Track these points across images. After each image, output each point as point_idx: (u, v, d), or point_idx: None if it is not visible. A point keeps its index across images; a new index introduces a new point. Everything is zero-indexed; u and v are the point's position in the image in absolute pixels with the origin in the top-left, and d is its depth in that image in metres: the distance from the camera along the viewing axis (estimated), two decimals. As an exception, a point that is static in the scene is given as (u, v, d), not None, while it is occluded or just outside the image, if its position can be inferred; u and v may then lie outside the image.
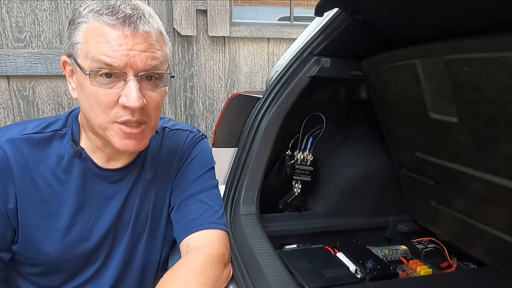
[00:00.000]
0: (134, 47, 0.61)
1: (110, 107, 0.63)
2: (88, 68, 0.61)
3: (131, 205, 0.77)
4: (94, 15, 0.61)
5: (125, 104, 0.62)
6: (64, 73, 0.68)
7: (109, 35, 0.60)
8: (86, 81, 0.62)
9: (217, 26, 1.86)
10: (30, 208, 0.68)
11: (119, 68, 0.60)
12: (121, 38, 0.60)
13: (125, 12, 0.60)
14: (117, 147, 0.66)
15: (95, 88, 0.61)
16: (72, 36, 0.63)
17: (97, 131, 0.67)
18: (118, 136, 0.65)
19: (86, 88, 0.62)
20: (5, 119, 1.70)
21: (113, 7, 0.61)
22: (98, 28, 0.60)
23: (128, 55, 0.60)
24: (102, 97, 0.62)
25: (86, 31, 0.61)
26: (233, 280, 0.75)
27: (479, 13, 0.63)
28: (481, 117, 0.68)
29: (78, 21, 0.62)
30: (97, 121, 0.64)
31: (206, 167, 0.84)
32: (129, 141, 0.66)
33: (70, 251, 0.72)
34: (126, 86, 0.62)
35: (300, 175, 1.10)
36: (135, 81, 0.61)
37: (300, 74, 1.01)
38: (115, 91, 0.62)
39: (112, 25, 0.60)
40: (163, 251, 0.84)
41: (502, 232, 0.81)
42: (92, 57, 0.60)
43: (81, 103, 0.66)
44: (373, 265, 0.92)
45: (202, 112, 2.01)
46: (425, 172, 0.97)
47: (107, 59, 0.59)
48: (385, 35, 0.91)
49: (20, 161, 0.67)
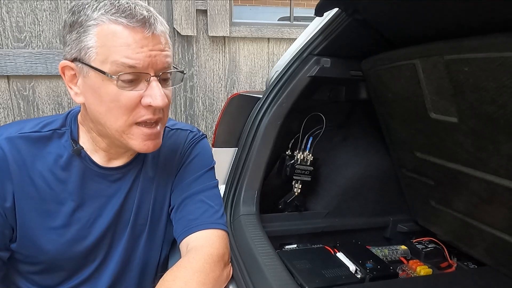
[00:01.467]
0: (155, 48, 0.62)
1: (132, 109, 0.63)
2: (110, 71, 0.60)
3: (131, 204, 0.77)
4: (110, 17, 0.60)
5: (151, 104, 0.63)
6: (63, 78, 0.66)
7: (130, 37, 0.60)
8: (104, 85, 0.61)
9: (217, 26, 1.86)
10: (28, 207, 0.68)
11: (142, 69, 0.61)
12: (143, 40, 0.61)
13: (143, 14, 0.61)
14: (138, 149, 0.67)
15: (117, 91, 0.61)
16: (81, 40, 0.61)
17: (111, 135, 0.67)
18: (138, 138, 0.66)
19: (103, 92, 0.62)
20: (5, 119, 1.70)
21: (129, 9, 0.60)
22: (117, 31, 0.60)
23: (150, 56, 0.61)
24: (124, 99, 0.62)
25: (101, 34, 0.60)
26: (233, 280, 0.75)
27: (479, 13, 0.63)
28: (481, 117, 0.68)
29: (89, 24, 0.60)
30: (116, 125, 0.64)
31: (206, 167, 0.84)
32: (149, 142, 0.67)
33: (69, 249, 0.72)
34: (149, 87, 0.63)
35: (300, 175, 1.10)
36: (157, 81, 0.63)
37: (300, 74, 1.01)
38: (137, 93, 0.63)
39: (132, 28, 0.60)
40: (163, 250, 0.84)
41: (502, 232, 0.81)
42: (114, 60, 0.60)
43: (92, 107, 0.65)
44: (373, 265, 0.92)
45: (202, 112, 2.01)
46: (425, 172, 0.97)
47: (130, 62, 0.60)
48: (385, 35, 0.91)
49: (18, 159, 0.67)
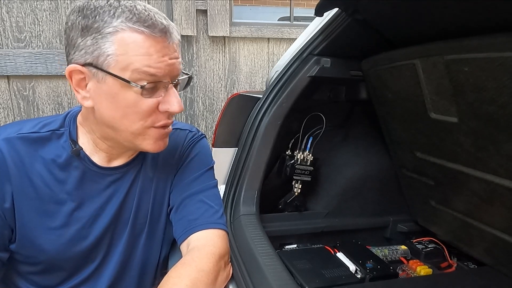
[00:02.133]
0: (173, 56, 0.64)
1: (150, 114, 0.65)
2: (130, 79, 0.61)
3: (130, 204, 0.77)
4: (132, 26, 0.60)
5: (169, 110, 0.66)
6: (70, 82, 0.65)
7: (152, 47, 0.61)
8: (122, 91, 0.62)
9: (217, 26, 1.86)
10: (27, 207, 0.68)
11: (163, 77, 0.63)
12: (164, 50, 0.62)
13: (163, 24, 0.62)
14: (150, 149, 0.69)
15: (136, 97, 0.63)
16: (99, 46, 0.60)
17: (123, 137, 0.68)
18: (153, 139, 0.68)
19: (121, 98, 0.63)
20: (5, 119, 1.70)
21: (150, 18, 0.61)
22: (139, 40, 0.60)
23: (169, 65, 0.63)
24: (144, 106, 0.64)
25: (123, 42, 0.60)
26: (233, 280, 0.75)
27: (479, 13, 0.63)
28: (481, 117, 0.68)
29: (108, 30, 0.59)
30: (132, 128, 0.66)
31: (205, 166, 0.84)
32: (161, 141, 0.70)
33: (69, 249, 0.72)
34: (167, 94, 0.65)
35: (300, 175, 1.10)
36: (174, 88, 0.66)
37: (300, 74, 1.01)
38: (156, 99, 0.65)
39: (154, 37, 0.61)
40: (163, 250, 0.84)
41: (502, 232, 0.81)
42: (135, 69, 0.60)
43: (105, 111, 0.65)
44: (373, 265, 0.92)
45: (202, 112, 2.01)
46: (425, 172, 0.97)
47: (152, 71, 0.61)
48: (385, 35, 0.91)
49: (16, 160, 0.67)
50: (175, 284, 0.62)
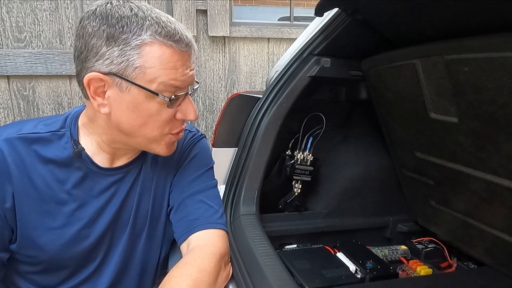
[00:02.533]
0: (191, 67, 0.68)
1: (169, 122, 0.69)
2: (157, 91, 0.63)
3: (131, 204, 0.77)
4: (161, 40, 0.61)
5: (186, 118, 0.70)
6: (87, 89, 0.63)
7: (179, 62, 0.64)
8: (146, 101, 0.64)
9: (217, 26, 1.86)
10: (28, 207, 0.68)
11: (185, 89, 0.67)
12: (187, 62, 0.66)
13: (188, 38, 0.65)
14: (163, 153, 0.73)
15: (159, 107, 0.65)
16: (126, 57, 0.60)
17: (137, 142, 0.70)
18: (167, 144, 0.72)
19: (144, 108, 0.65)
20: (5, 119, 1.70)
21: (177, 33, 0.63)
22: (167, 54, 0.62)
23: (190, 76, 0.67)
24: (165, 115, 0.67)
25: (151, 55, 0.61)
26: (233, 280, 0.75)
27: (479, 13, 0.63)
28: (481, 117, 0.68)
29: (136, 42, 0.60)
30: (151, 135, 0.69)
31: (205, 166, 0.84)
32: (173, 146, 0.74)
33: (69, 249, 0.72)
34: (184, 103, 0.69)
35: (300, 175, 1.10)
36: (190, 97, 0.70)
37: (300, 74, 1.01)
38: (175, 109, 0.68)
39: (180, 52, 0.64)
40: (163, 250, 0.84)
41: (502, 232, 0.81)
42: (162, 82, 0.63)
43: (122, 119, 0.66)
44: (373, 265, 0.92)
45: (202, 112, 2.01)
46: (425, 172, 0.97)
47: (178, 84, 0.64)
48: (385, 35, 0.91)
49: (17, 160, 0.67)
50: (177, 284, 0.62)
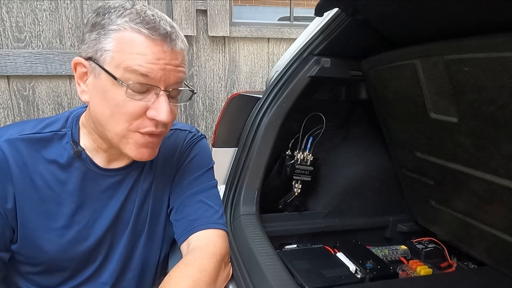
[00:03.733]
0: (171, 62, 0.63)
1: (136, 118, 0.63)
2: (121, 78, 0.60)
3: (131, 205, 0.77)
4: (133, 26, 0.60)
5: (155, 117, 0.63)
6: (74, 74, 0.67)
7: (148, 48, 0.60)
8: (112, 89, 0.62)
9: (217, 26, 1.86)
10: (29, 208, 0.68)
11: (154, 81, 0.62)
12: (161, 53, 0.61)
13: (166, 30, 0.62)
14: (133, 155, 0.67)
15: (124, 98, 0.61)
16: (100, 41, 0.61)
17: (110, 138, 0.67)
18: (136, 144, 0.66)
19: (110, 96, 0.62)
20: (5, 119, 1.70)
21: (154, 21, 0.61)
22: (137, 40, 0.60)
23: (164, 69, 0.62)
24: (130, 107, 0.62)
25: (121, 40, 0.60)
26: (233, 280, 0.75)
27: (479, 13, 0.63)
28: (481, 117, 0.68)
29: (111, 28, 0.60)
30: (117, 129, 0.64)
31: (205, 167, 0.84)
32: (145, 149, 0.67)
33: (69, 250, 0.72)
34: (157, 100, 0.63)
35: (300, 175, 1.10)
36: (165, 96, 0.63)
37: (300, 74, 1.01)
38: (145, 103, 0.63)
39: (152, 39, 0.61)
40: (162, 250, 0.84)
41: (502, 232, 0.81)
42: (127, 67, 0.60)
43: (96, 108, 0.65)
44: (373, 265, 0.92)
45: (202, 112, 2.01)
46: (425, 172, 0.97)
47: (143, 70, 0.60)
48: (385, 35, 0.91)
49: (18, 161, 0.67)
50: (177, 284, 0.62)
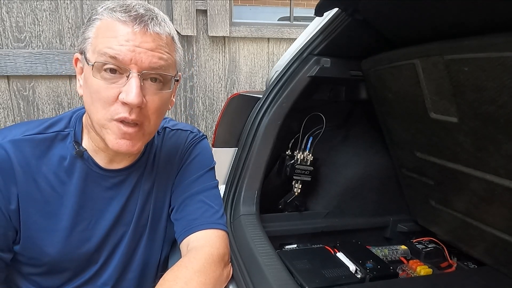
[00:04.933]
0: (141, 45, 0.61)
1: (110, 103, 0.62)
2: (93, 61, 0.62)
3: (133, 206, 0.77)
4: (108, 12, 0.62)
5: (124, 100, 0.61)
6: (75, 71, 0.69)
7: (118, 31, 0.61)
8: (91, 76, 0.62)
9: (217, 26, 1.86)
10: (32, 209, 0.68)
11: (123, 62, 0.60)
12: (130, 35, 0.61)
13: (138, 11, 0.62)
14: (111, 146, 0.65)
15: (98, 82, 0.62)
16: (85, 32, 0.64)
17: (96, 129, 0.67)
18: (114, 134, 0.64)
19: (89, 83, 0.63)
20: (5, 119, 1.70)
21: (128, 5, 0.63)
22: (110, 24, 0.61)
23: (134, 51, 0.60)
24: (103, 91, 0.62)
25: (99, 27, 0.63)
26: (233, 280, 0.75)
27: (479, 13, 0.63)
28: (481, 117, 0.68)
29: (94, 18, 0.64)
30: (96, 117, 0.64)
31: (206, 167, 0.84)
32: (123, 141, 0.65)
33: (72, 251, 0.72)
34: (127, 83, 0.61)
35: (300, 175, 1.10)
36: (137, 78, 0.61)
37: (300, 74, 1.01)
38: (117, 87, 0.62)
39: (123, 21, 0.61)
40: (163, 251, 0.84)
41: (502, 232, 0.81)
42: (99, 50, 0.61)
43: (84, 99, 0.67)
44: (373, 265, 0.92)
45: (202, 112, 2.01)
46: (425, 172, 0.97)
47: (111, 52, 0.60)
48: (385, 35, 0.91)
49: (22, 162, 0.67)
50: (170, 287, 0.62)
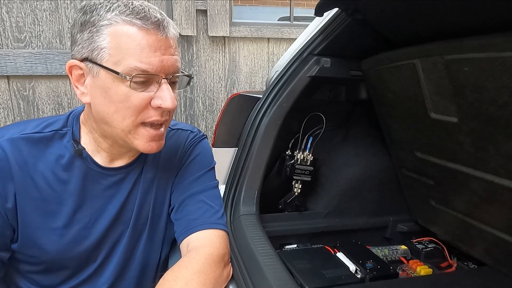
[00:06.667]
0: (166, 52, 0.63)
1: (142, 110, 0.64)
2: (123, 72, 0.60)
3: (132, 204, 0.77)
4: (124, 18, 0.60)
5: (161, 106, 0.64)
6: (70, 78, 0.66)
7: (144, 40, 0.60)
8: (114, 85, 0.62)
9: (217, 26, 1.86)
10: (29, 208, 0.68)
11: (154, 72, 0.62)
12: (156, 43, 0.61)
13: (157, 17, 0.62)
14: (142, 149, 0.68)
15: (125, 90, 0.62)
16: (94, 40, 0.61)
17: (116, 134, 0.67)
18: (143, 138, 0.67)
19: (113, 92, 0.62)
20: (5, 119, 1.70)
21: (144, 11, 0.61)
22: (131, 33, 0.60)
23: (162, 61, 0.62)
24: (135, 100, 0.63)
25: (115, 34, 0.60)
26: (233, 280, 0.75)
27: (479, 13, 0.63)
28: (481, 117, 0.68)
29: (102, 23, 0.60)
30: (123, 124, 0.65)
31: (206, 167, 0.84)
32: (153, 143, 0.68)
33: (70, 250, 0.72)
34: (160, 89, 0.64)
35: (300, 175, 1.10)
36: (167, 84, 0.64)
37: (300, 74, 1.01)
38: (148, 94, 0.64)
39: (146, 29, 0.61)
40: (163, 250, 0.84)
41: (502, 232, 0.81)
42: (128, 64, 0.60)
43: (100, 107, 0.65)
44: (373, 265, 0.92)
45: (202, 112, 2.01)
46: (425, 172, 0.97)
47: (143, 66, 0.61)
48: (385, 35, 0.91)
49: (20, 160, 0.67)
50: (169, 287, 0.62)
